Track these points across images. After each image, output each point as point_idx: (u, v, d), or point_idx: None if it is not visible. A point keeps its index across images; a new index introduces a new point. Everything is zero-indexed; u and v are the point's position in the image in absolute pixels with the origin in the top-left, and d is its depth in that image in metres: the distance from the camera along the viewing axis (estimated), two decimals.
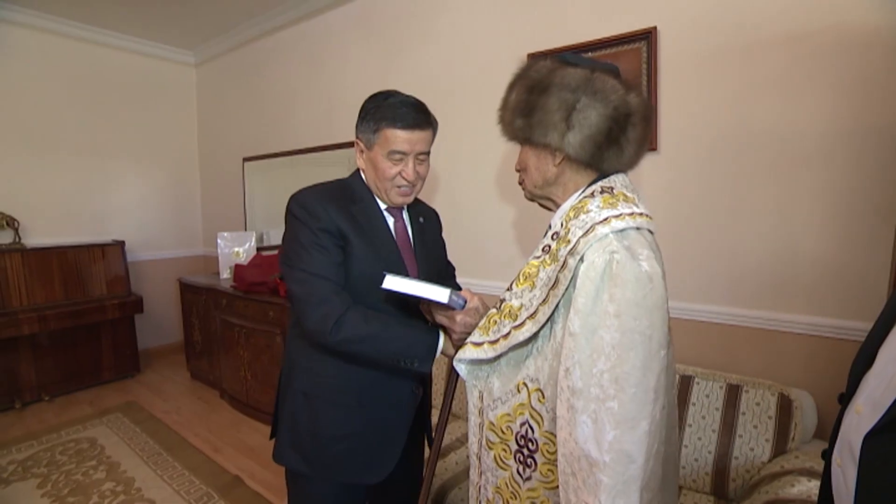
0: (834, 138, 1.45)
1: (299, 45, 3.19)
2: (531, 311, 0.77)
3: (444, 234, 2.47)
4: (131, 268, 3.64)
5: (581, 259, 0.72)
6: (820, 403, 1.48)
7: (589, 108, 0.76)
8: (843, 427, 0.65)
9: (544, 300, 0.76)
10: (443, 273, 1.32)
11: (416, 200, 1.24)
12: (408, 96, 1.07)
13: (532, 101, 0.80)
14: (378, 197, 1.12)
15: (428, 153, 1.10)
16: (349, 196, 1.09)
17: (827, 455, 0.70)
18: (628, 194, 0.79)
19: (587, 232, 0.73)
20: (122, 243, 3.54)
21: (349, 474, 1.09)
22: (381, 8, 2.65)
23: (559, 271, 0.75)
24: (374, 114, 1.04)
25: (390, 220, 1.14)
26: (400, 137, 1.03)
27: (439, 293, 0.91)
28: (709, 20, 1.62)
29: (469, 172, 2.34)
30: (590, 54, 1.86)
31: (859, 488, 0.56)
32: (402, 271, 1.08)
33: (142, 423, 2.86)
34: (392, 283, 0.93)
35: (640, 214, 0.76)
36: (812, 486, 1.20)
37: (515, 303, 0.81)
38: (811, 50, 1.46)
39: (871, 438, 0.55)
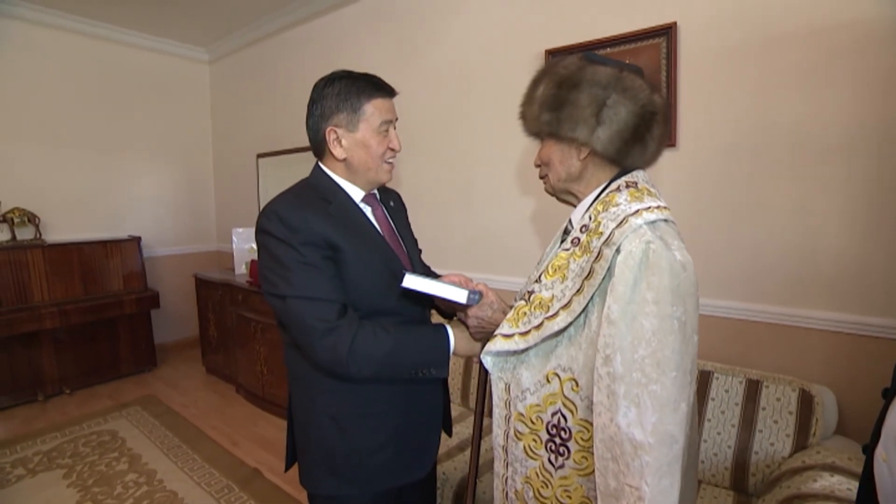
0: (855, 133, 1.44)
1: (312, 41, 3.20)
2: (564, 301, 0.79)
3: (460, 231, 2.50)
4: (147, 263, 3.70)
5: (618, 249, 0.74)
6: (840, 399, 1.48)
7: (619, 105, 0.78)
8: (889, 422, 0.65)
9: (578, 290, 0.77)
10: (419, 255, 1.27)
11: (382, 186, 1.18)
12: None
13: (562, 96, 0.81)
14: (362, 184, 1.04)
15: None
16: (322, 196, 1.00)
17: (868, 449, 0.71)
18: (651, 189, 0.82)
19: (621, 223, 0.75)
20: (138, 239, 3.59)
21: (396, 479, 1.05)
22: (395, 4, 2.66)
23: (594, 262, 0.76)
24: (350, 91, 0.97)
25: (367, 212, 1.07)
26: (386, 105, 1.00)
27: (458, 294, 0.91)
28: (728, 15, 1.61)
29: (485, 169, 2.34)
30: (608, 50, 1.86)
31: None
32: (396, 265, 1.03)
33: (160, 416, 2.92)
34: (412, 282, 0.91)
35: (665, 207, 0.80)
36: (835, 482, 1.20)
37: (546, 294, 0.82)
38: (832, 45, 1.45)
39: None
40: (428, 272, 1.29)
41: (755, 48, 1.57)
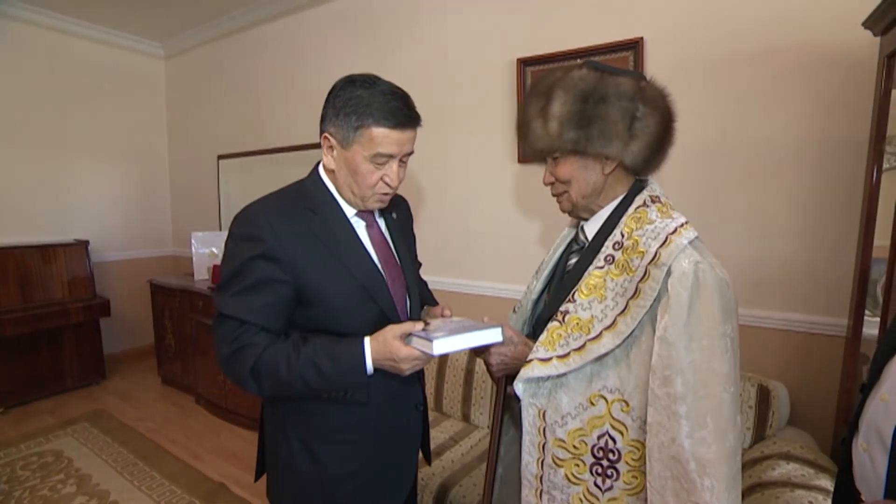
0: (803, 148, 1.57)
1: (279, 41, 3.11)
2: (607, 322, 0.76)
3: (435, 236, 2.49)
4: (96, 269, 3.45)
5: (668, 270, 0.73)
6: (792, 393, 1.59)
7: (648, 117, 0.78)
8: (869, 414, 0.69)
9: (624, 310, 0.75)
10: (417, 276, 1.17)
11: None
12: (392, 85, 0.91)
13: (589, 112, 0.77)
14: (348, 201, 0.96)
15: (411, 153, 0.95)
16: (308, 206, 0.92)
17: (847, 441, 0.76)
18: (670, 203, 0.82)
19: (665, 243, 0.75)
20: (85, 243, 3.35)
21: None
22: (367, 7, 2.63)
23: (641, 282, 0.75)
24: (356, 106, 0.86)
25: (360, 227, 0.97)
26: (389, 138, 0.87)
27: (492, 335, 0.84)
28: (691, 33, 1.71)
29: (456, 175, 2.36)
30: (579, 61, 1.92)
31: (892, 473, 0.60)
32: (381, 289, 0.94)
33: (111, 431, 2.72)
34: (442, 347, 0.80)
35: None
36: (791, 469, 1.29)
37: (584, 315, 0.78)
38: (783, 65, 1.57)
39: None
40: (423, 288, 1.22)
41: (714, 66, 1.68)
